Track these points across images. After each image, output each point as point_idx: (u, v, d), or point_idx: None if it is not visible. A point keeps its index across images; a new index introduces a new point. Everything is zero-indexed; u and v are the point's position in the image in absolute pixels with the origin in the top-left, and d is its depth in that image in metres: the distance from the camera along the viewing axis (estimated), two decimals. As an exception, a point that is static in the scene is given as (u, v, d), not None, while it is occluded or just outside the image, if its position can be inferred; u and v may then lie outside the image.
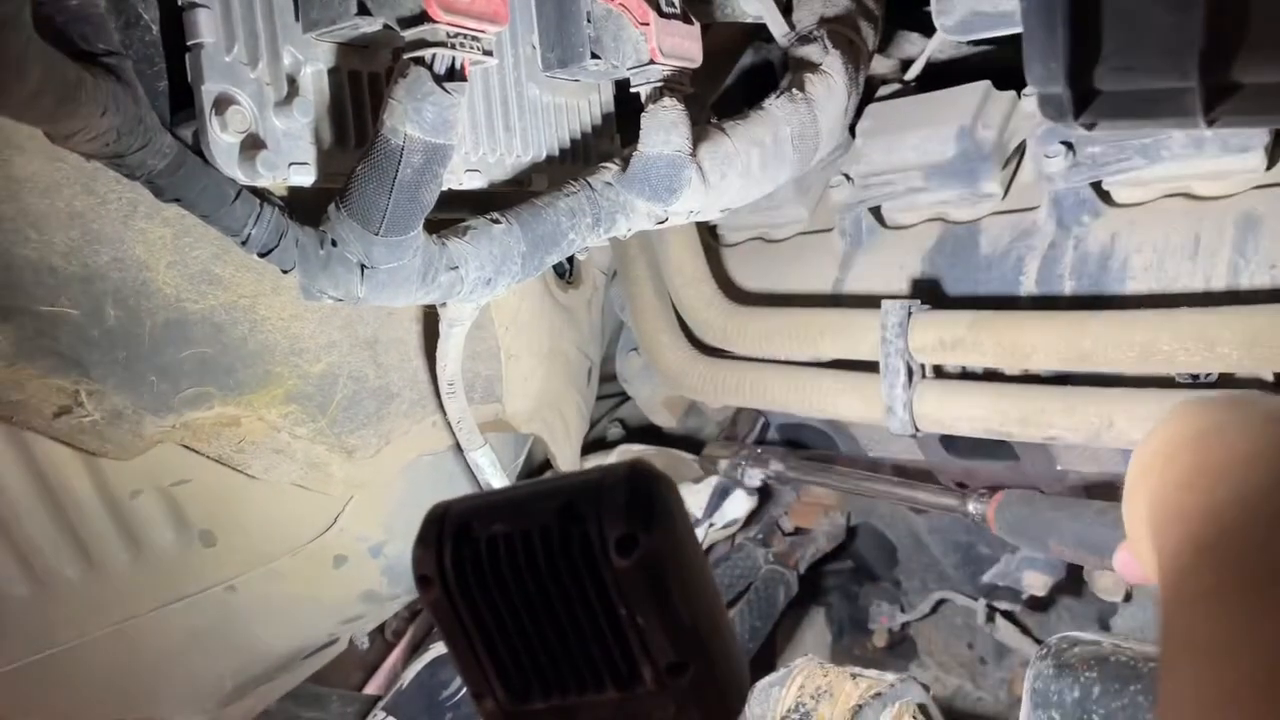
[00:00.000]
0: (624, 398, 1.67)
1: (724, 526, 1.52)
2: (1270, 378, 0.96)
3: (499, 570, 0.41)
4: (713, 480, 1.53)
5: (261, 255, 0.73)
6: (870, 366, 1.15)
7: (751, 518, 1.55)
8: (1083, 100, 0.55)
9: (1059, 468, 1.20)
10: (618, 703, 0.42)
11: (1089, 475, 1.19)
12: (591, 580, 0.40)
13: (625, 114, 1.03)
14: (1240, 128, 0.55)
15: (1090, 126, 0.57)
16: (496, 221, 0.84)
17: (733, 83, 1.34)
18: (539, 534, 0.40)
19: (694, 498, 1.50)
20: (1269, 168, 0.96)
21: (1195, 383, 0.99)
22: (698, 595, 0.42)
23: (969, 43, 1.11)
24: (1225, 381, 0.98)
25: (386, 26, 0.70)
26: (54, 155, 0.71)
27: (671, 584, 0.40)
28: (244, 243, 0.72)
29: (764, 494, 1.55)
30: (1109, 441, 1.00)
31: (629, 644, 0.41)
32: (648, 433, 1.68)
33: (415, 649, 1.39)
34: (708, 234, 1.40)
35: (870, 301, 1.15)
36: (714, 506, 1.51)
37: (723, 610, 0.45)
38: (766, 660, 1.46)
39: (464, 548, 0.41)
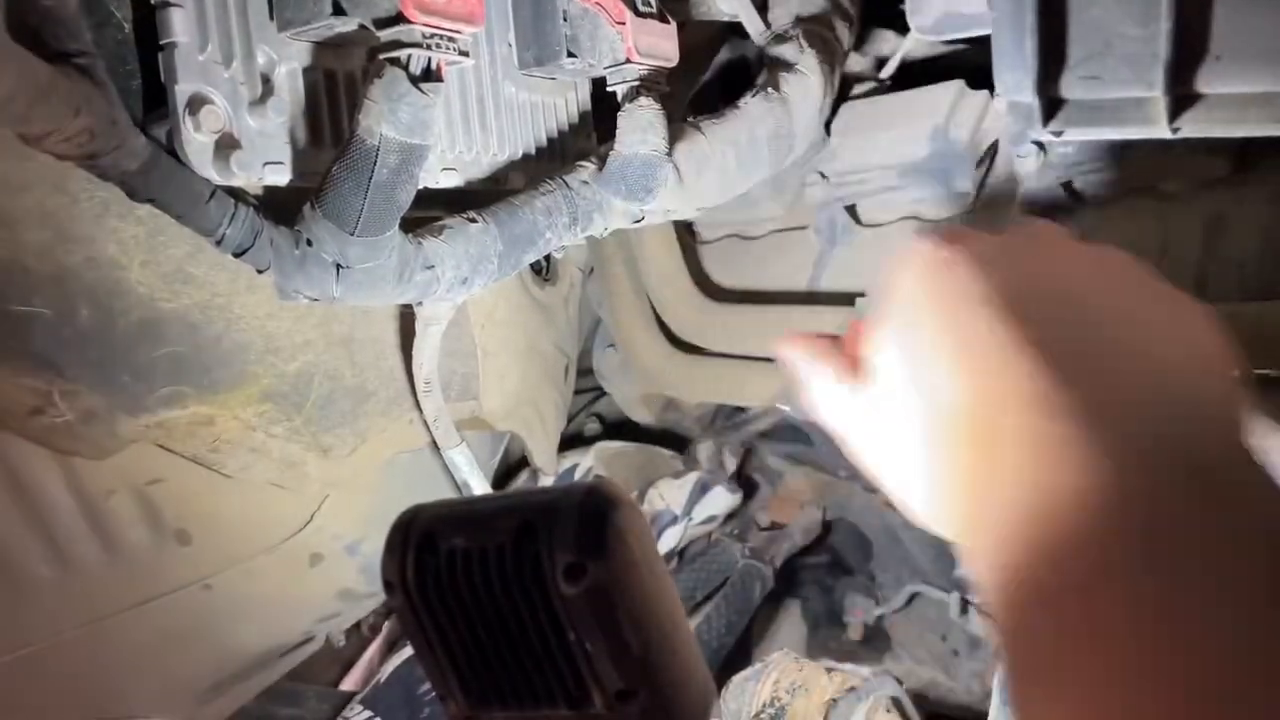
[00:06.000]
0: (601, 393, 1.68)
1: (702, 522, 1.53)
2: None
3: (456, 583, 0.41)
4: (693, 476, 1.54)
5: (236, 255, 0.73)
6: (845, 364, 1.16)
7: (730, 514, 1.56)
8: (1051, 108, 0.56)
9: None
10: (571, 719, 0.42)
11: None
12: (542, 602, 0.40)
13: (602, 112, 1.03)
14: (1204, 135, 0.56)
15: (1058, 134, 0.58)
16: (473, 220, 0.84)
17: (709, 80, 1.35)
18: (494, 552, 0.41)
19: (674, 493, 1.51)
20: (1237, 169, 0.97)
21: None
22: (650, 623, 0.42)
23: (943, 42, 1.12)
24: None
25: (362, 26, 0.70)
26: (25, 154, 0.70)
27: (620, 614, 0.41)
28: (218, 243, 0.72)
29: (747, 491, 1.57)
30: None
31: (578, 667, 0.41)
32: (625, 428, 1.69)
33: (392, 645, 1.39)
34: (684, 231, 1.41)
35: (845, 299, 1.16)
36: (693, 502, 1.52)
37: (682, 634, 0.45)
38: (742, 655, 1.47)
39: (426, 557, 0.42)
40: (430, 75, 0.70)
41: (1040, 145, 1.03)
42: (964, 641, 1.59)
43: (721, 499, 1.52)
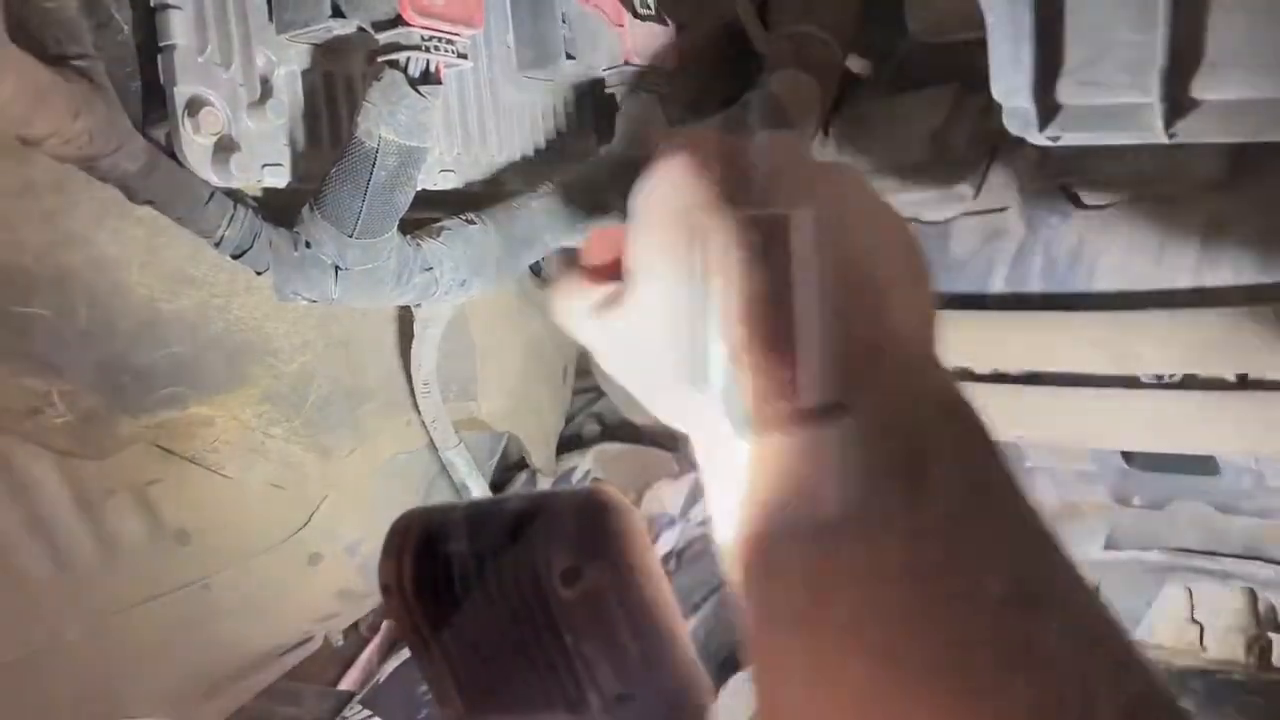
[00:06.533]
0: (599, 394, 1.68)
1: (700, 523, 1.53)
2: (1232, 378, 0.98)
3: (453, 588, 0.41)
4: (691, 477, 1.54)
5: (235, 257, 0.73)
6: (843, 365, 1.16)
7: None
8: (1048, 113, 0.56)
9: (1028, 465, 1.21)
10: None
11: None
12: (539, 607, 0.41)
13: (601, 113, 1.03)
14: (1200, 141, 0.56)
15: (1055, 139, 0.58)
16: (472, 222, 0.84)
17: (707, 83, 1.35)
18: (491, 556, 0.41)
19: (671, 495, 1.51)
20: (1233, 173, 0.97)
21: (1160, 383, 1.01)
22: (648, 627, 0.42)
23: (941, 44, 1.12)
24: (1189, 381, 1.00)
25: (361, 29, 0.70)
26: (24, 156, 0.71)
27: (617, 618, 0.41)
28: (217, 244, 0.72)
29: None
30: (1076, 441, 1.02)
31: (576, 671, 0.41)
32: (624, 429, 1.69)
33: (392, 645, 1.39)
34: (683, 232, 1.41)
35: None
36: (691, 503, 1.52)
37: (680, 637, 0.45)
38: (741, 655, 1.48)
39: (423, 562, 0.42)
40: (429, 78, 0.70)
41: (1038, 147, 1.03)
42: (962, 642, 1.59)
43: (719, 499, 1.52)
